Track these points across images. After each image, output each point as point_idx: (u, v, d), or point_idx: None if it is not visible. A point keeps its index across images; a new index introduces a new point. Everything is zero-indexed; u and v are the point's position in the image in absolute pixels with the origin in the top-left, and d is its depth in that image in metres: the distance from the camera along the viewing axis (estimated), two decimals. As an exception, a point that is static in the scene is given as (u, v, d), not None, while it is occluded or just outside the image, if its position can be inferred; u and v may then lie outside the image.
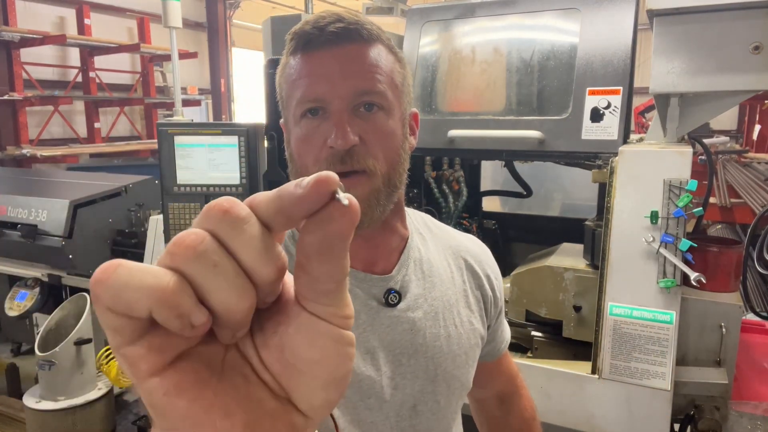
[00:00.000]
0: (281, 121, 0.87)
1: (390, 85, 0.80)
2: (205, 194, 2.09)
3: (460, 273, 0.97)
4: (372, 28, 0.79)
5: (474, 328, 0.95)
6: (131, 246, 3.06)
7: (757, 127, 7.95)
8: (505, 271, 2.18)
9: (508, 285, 2.10)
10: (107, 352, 2.73)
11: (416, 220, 0.98)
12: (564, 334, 1.99)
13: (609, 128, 1.92)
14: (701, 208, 1.71)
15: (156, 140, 2.19)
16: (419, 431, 0.91)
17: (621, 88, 1.92)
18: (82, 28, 8.46)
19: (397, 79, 0.81)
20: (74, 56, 8.68)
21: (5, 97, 7.15)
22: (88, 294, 2.99)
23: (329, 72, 0.76)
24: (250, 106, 13.67)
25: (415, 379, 0.87)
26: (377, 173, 0.78)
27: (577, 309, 1.96)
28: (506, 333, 1.13)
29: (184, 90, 9.65)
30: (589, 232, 1.97)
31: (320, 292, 0.31)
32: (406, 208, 0.95)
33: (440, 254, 0.96)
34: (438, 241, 0.98)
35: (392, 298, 0.86)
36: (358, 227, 0.50)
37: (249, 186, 2.08)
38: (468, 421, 1.14)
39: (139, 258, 2.87)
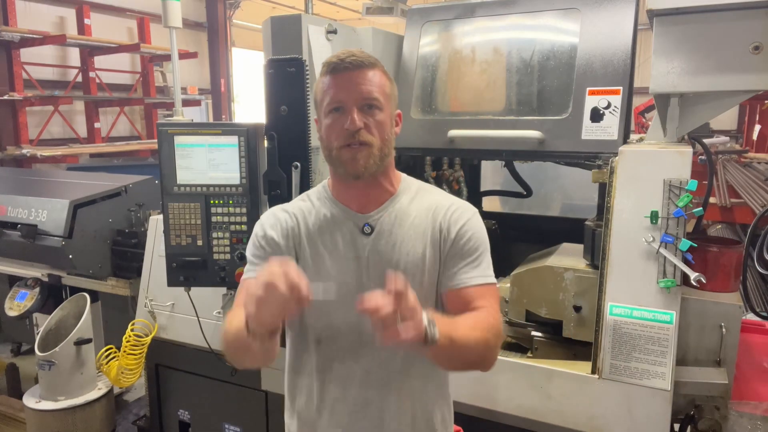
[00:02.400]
0: (315, 118, 1.39)
1: (382, 94, 1.30)
2: (205, 194, 2.09)
3: (429, 218, 1.37)
4: (372, 59, 1.31)
5: (423, 254, 1.34)
6: (131, 246, 3.05)
7: (757, 127, 7.96)
8: (505, 271, 2.18)
9: (508, 285, 2.10)
10: (107, 352, 2.72)
11: (413, 186, 1.43)
12: (564, 334, 1.99)
13: (609, 128, 1.92)
14: (701, 208, 1.71)
15: (156, 140, 2.19)
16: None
17: (621, 88, 1.92)
18: (82, 28, 8.45)
19: (387, 90, 1.32)
20: (74, 56, 8.68)
21: (5, 97, 7.15)
22: (88, 294, 3.00)
23: (346, 85, 1.28)
24: (250, 106, 13.68)
25: (378, 281, 1.24)
26: (374, 145, 1.28)
27: (577, 309, 1.95)
28: (469, 277, 1.32)
29: (184, 90, 9.66)
30: (589, 232, 1.97)
31: None
32: (410, 179, 1.44)
33: (421, 207, 1.38)
34: (423, 200, 1.40)
35: (366, 229, 1.35)
36: (359, 176, 1.30)
37: (249, 186, 2.08)
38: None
39: (139, 258, 2.87)
